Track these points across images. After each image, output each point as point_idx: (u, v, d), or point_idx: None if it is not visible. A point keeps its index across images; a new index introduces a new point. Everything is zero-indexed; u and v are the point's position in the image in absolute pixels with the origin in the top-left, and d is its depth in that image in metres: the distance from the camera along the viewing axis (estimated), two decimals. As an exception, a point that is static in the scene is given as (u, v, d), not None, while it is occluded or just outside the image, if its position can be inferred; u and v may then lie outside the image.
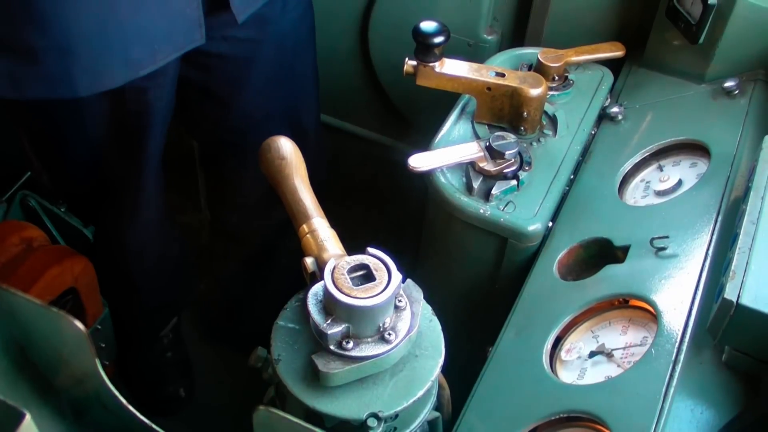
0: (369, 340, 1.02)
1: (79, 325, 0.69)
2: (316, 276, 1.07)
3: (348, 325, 1.00)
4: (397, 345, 1.02)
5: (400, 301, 1.05)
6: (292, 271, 1.24)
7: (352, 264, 1.02)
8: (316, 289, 1.04)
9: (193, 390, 2.38)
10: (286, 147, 1.23)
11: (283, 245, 2.21)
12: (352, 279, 1.01)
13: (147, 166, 1.75)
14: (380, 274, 1.01)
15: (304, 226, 1.14)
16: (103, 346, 1.98)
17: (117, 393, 0.79)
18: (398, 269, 1.03)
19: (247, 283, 2.33)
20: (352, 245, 1.11)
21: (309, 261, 1.09)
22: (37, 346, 0.81)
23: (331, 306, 1.00)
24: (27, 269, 1.69)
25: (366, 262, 1.03)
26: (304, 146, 1.63)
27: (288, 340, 1.06)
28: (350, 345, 1.01)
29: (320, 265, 1.07)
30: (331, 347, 1.01)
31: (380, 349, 1.02)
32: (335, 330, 1.00)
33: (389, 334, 1.02)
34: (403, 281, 1.06)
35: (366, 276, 1.02)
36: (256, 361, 1.17)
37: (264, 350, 1.17)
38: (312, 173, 1.29)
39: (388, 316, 1.03)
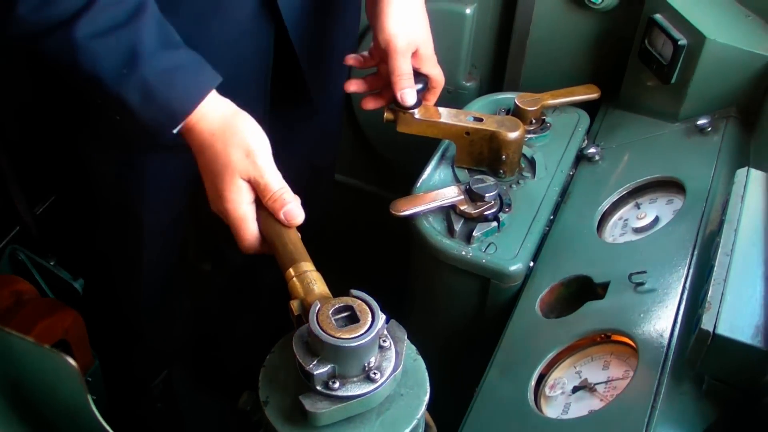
0: (355, 379, 1.04)
1: (72, 362, 0.71)
2: (303, 319, 1.09)
3: (334, 365, 1.02)
4: (382, 384, 1.04)
5: (384, 341, 1.07)
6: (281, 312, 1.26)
7: (337, 305, 1.04)
8: (302, 331, 1.06)
9: None
10: None
11: (279, 284, 2.24)
12: (336, 320, 1.03)
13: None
14: (364, 315, 1.03)
15: (291, 269, 1.17)
16: (94, 398, 1.98)
17: (110, 429, 0.80)
18: (382, 310, 1.05)
19: (237, 325, 2.35)
20: (338, 288, 1.13)
21: (295, 304, 1.11)
22: (30, 383, 0.83)
23: (316, 347, 1.02)
24: (17, 323, 1.71)
25: (350, 303, 1.05)
26: (318, 188, 1.65)
27: (275, 382, 1.08)
28: (336, 385, 1.02)
29: (306, 307, 1.09)
30: (318, 388, 1.03)
31: (366, 388, 1.03)
32: (321, 370, 1.01)
33: (374, 374, 1.04)
34: (387, 322, 1.08)
35: (350, 317, 1.04)
36: (245, 404, 1.18)
37: (252, 394, 1.18)
38: (319, 216, 1.30)
39: (373, 356, 1.05)
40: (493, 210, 1.56)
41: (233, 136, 1.27)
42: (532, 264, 1.57)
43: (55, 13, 1.18)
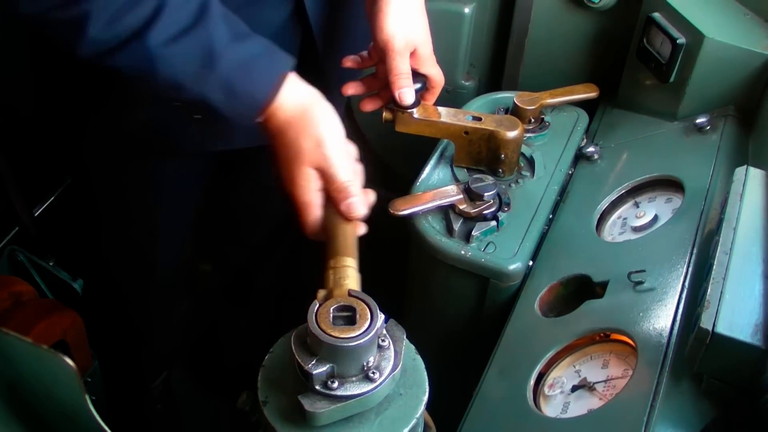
0: (354, 379, 1.04)
1: (69, 362, 0.71)
2: None
3: (332, 365, 1.02)
4: (381, 383, 1.04)
5: (383, 340, 1.07)
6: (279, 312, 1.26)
7: (336, 305, 1.05)
8: (301, 330, 1.06)
9: None
10: None
11: (279, 285, 2.25)
12: (335, 320, 1.03)
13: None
14: (363, 314, 1.04)
15: (332, 260, 1.18)
16: (93, 399, 1.98)
17: (107, 429, 0.80)
18: (380, 309, 1.05)
19: (236, 325, 2.35)
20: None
21: (321, 294, 1.10)
22: (28, 384, 0.83)
23: (315, 346, 1.02)
24: (16, 324, 1.71)
25: (348, 303, 1.05)
26: None
27: (274, 382, 1.08)
28: (335, 384, 1.02)
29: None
30: (317, 387, 1.03)
31: (365, 387, 1.03)
32: (320, 370, 1.01)
33: (373, 373, 1.04)
34: (386, 321, 1.08)
35: (349, 317, 1.04)
36: (244, 404, 1.18)
37: (251, 394, 1.18)
38: None
39: (372, 356, 1.05)
40: (492, 209, 1.56)
41: (306, 126, 1.29)
42: (531, 263, 1.57)
43: (126, 26, 1.18)
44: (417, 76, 1.58)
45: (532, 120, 1.78)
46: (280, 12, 1.52)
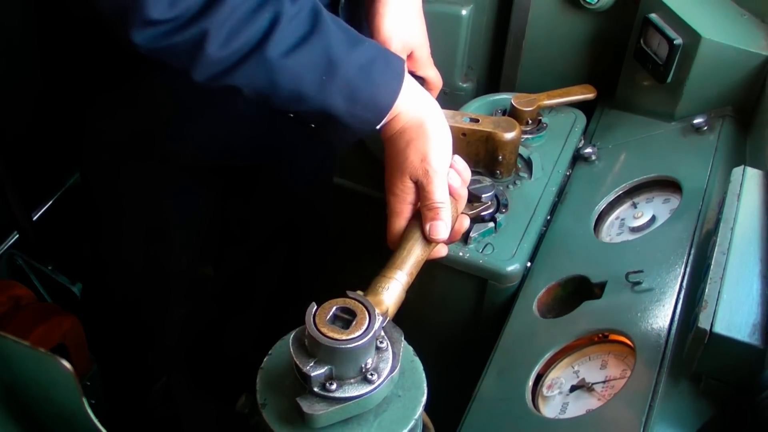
0: (352, 381, 1.04)
1: (67, 364, 0.71)
2: None
3: (331, 367, 1.02)
4: (379, 385, 1.04)
5: (381, 342, 1.07)
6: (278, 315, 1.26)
7: (334, 307, 1.05)
8: (299, 332, 1.06)
9: None
10: None
11: (278, 288, 2.25)
12: (333, 322, 1.03)
13: None
14: (361, 316, 1.04)
15: (385, 269, 1.19)
16: (93, 402, 1.99)
17: (105, 431, 0.81)
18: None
19: (234, 327, 2.36)
20: (334, 290, 1.13)
21: (357, 293, 1.10)
22: (25, 387, 0.83)
23: (313, 348, 1.02)
24: (15, 328, 1.71)
25: (346, 305, 1.05)
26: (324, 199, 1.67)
27: (272, 385, 1.08)
28: (334, 386, 1.02)
29: None
30: (315, 389, 1.03)
31: (363, 389, 1.03)
32: (318, 372, 1.02)
33: (372, 375, 1.04)
34: (384, 323, 1.08)
35: (347, 319, 1.04)
36: (243, 406, 1.18)
37: (250, 396, 1.18)
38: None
39: (370, 357, 1.05)
40: (490, 210, 1.57)
41: (416, 139, 1.29)
42: (529, 264, 1.57)
43: (245, 41, 1.16)
44: (414, 78, 1.58)
45: (530, 121, 1.78)
46: None
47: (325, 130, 1.31)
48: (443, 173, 1.28)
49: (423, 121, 1.29)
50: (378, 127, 1.30)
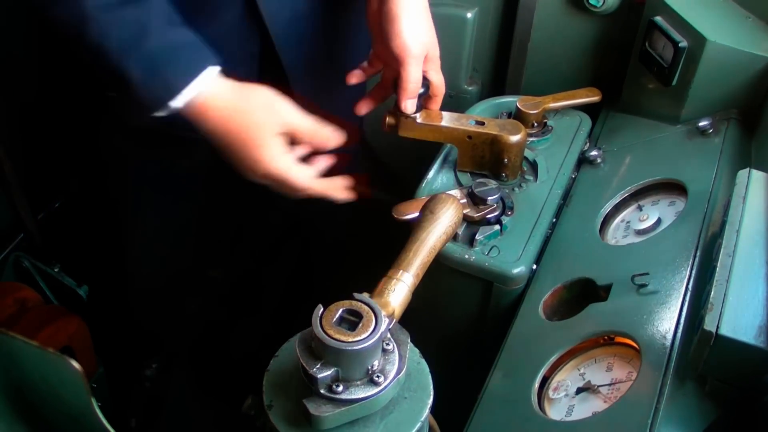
0: (358, 383, 1.04)
1: (76, 364, 0.72)
2: None
3: (337, 368, 1.02)
4: (385, 387, 1.04)
5: (387, 344, 1.07)
6: (285, 317, 1.27)
7: (340, 309, 1.05)
8: (305, 334, 1.06)
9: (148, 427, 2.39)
10: (441, 207, 1.30)
11: (285, 290, 2.26)
12: (340, 324, 1.03)
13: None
14: (367, 318, 1.04)
15: (392, 270, 1.19)
16: (99, 404, 1.99)
17: (113, 430, 0.81)
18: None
19: (241, 329, 2.37)
20: (341, 292, 1.13)
21: (363, 295, 1.11)
22: (34, 387, 0.83)
23: (320, 350, 1.02)
24: (21, 330, 1.71)
25: (353, 307, 1.05)
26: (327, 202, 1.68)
27: (279, 387, 1.08)
28: (340, 388, 1.03)
29: None
30: (322, 391, 1.03)
31: (369, 391, 1.04)
32: (325, 374, 1.02)
33: (378, 377, 1.04)
34: (390, 324, 1.08)
35: (354, 321, 1.04)
36: (249, 408, 1.19)
37: (256, 398, 1.18)
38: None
39: (377, 359, 1.05)
40: (496, 213, 1.57)
41: (249, 102, 1.33)
42: (534, 267, 1.57)
43: None
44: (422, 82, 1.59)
45: (535, 124, 1.78)
46: (231, 7, 1.52)
47: (121, 100, 1.33)
48: (292, 106, 1.36)
49: (247, 92, 1.34)
50: (174, 107, 1.31)
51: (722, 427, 1.11)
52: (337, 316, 1.03)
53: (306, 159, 1.43)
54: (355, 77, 1.63)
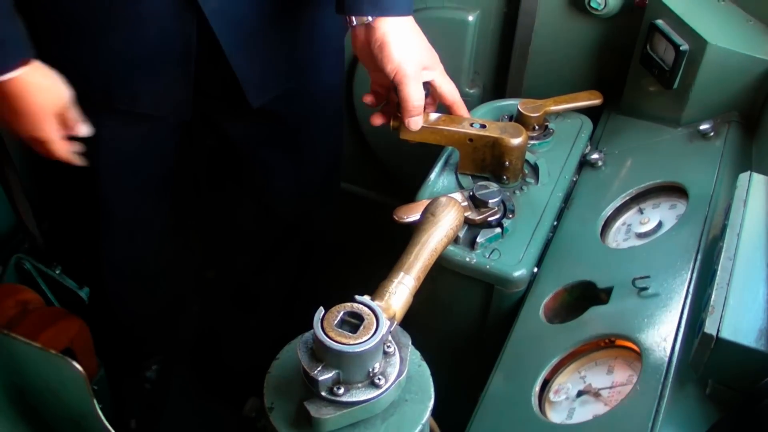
0: (359, 385, 1.04)
1: (78, 367, 0.72)
2: None
3: (338, 371, 1.02)
4: (386, 390, 1.04)
5: (388, 346, 1.08)
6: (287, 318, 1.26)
7: (341, 312, 1.05)
8: (307, 337, 1.06)
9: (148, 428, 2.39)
10: (442, 210, 1.31)
11: (285, 291, 2.26)
12: (341, 326, 1.03)
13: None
14: (368, 320, 1.04)
15: (394, 272, 1.19)
16: (101, 406, 1.99)
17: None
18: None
19: (242, 331, 2.37)
20: (342, 295, 1.13)
21: (364, 298, 1.11)
22: (36, 388, 0.83)
23: (321, 353, 1.03)
24: (23, 332, 1.71)
25: (354, 310, 1.05)
26: (325, 201, 1.69)
27: (280, 389, 1.08)
28: (341, 391, 1.03)
29: None
30: (323, 393, 1.03)
31: (370, 394, 1.04)
32: (326, 376, 1.02)
33: (379, 379, 1.04)
34: (391, 327, 1.09)
35: (355, 323, 1.05)
36: (250, 410, 1.19)
37: (257, 400, 1.19)
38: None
39: (378, 362, 1.05)
40: (497, 216, 1.57)
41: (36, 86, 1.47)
42: (535, 270, 1.57)
43: None
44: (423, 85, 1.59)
45: (537, 127, 1.78)
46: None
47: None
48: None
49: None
50: None
51: (723, 430, 1.11)
52: (339, 318, 1.04)
53: None
54: (376, 118, 1.68)
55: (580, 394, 1.33)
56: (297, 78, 1.79)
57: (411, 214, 1.55)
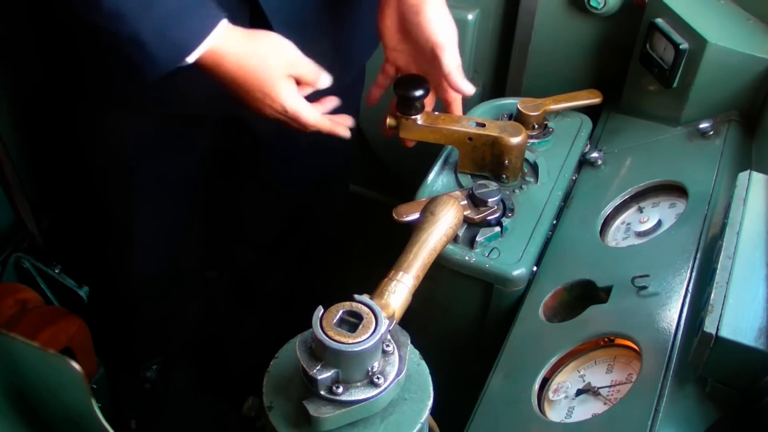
0: (358, 384, 1.04)
1: (76, 365, 0.72)
2: None
3: (337, 370, 1.02)
4: (385, 389, 1.04)
5: (387, 345, 1.07)
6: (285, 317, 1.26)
7: (341, 311, 1.05)
8: (306, 336, 1.06)
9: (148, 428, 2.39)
10: (442, 209, 1.30)
11: (285, 289, 2.26)
12: (340, 325, 1.03)
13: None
14: (367, 319, 1.04)
15: (393, 270, 1.19)
16: (100, 406, 1.99)
17: None
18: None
19: (242, 330, 2.37)
20: (341, 294, 1.13)
21: (363, 297, 1.11)
22: (34, 388, 0.83)
23: (320, 352, 1.03)
24: (22, 331, 1.71)
25: (353, 308, 1.05)
26: (333, 200, 1.68)
27: (279, 388, 1.08)
28: (340, 390, 1.03)
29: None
30: (322, 392, 1.03)
31: (370, 393, 1.04)
32: (325, 375, 1.02)
33: (378, 378, 1.04)
34: (390, 326, 1.08)
35: (354, 322, 1.04)
36: (250, 409, 1.19)
37: (257, 399, 1.19)
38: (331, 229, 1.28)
39: (377, 361, 1.05)
40: (496, 215, 1.57)
41: (260, 48, 1.40)
42: (535, 269, 1.57)
43: None
44: (422, 83, 1.59)
45: (536, 126, 1.78)
46: None
47: (134, 60, 1.36)
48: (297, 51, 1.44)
49: (252, 39, 1.41)
50: (188, 62, 1.37)
51: (722, 429, 1.11)
52: (338, 317, 1.04)
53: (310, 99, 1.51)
54: (374, 95, 1.66)
55: (579, 392, 1.33)
56: (338, 71, 1.80)
57: (410, 213, 1.55)
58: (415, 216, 1.55)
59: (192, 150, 1.83)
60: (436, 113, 1.65)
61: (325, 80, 1.47)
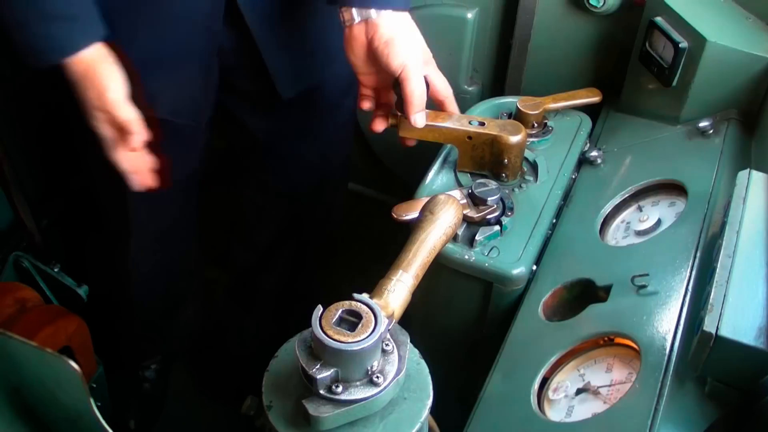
0: (358, 383, 1.04)
1: (74, 365, 0.71)
2: None
3: (337, 369, 1.02)
4: (385, 388, 1.04)
5: (387, 344, 1.07)
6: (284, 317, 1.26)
7: (340, 310, 1.05)
8: (305, 335, 1.06)
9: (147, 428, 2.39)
10: (441, 208, 1.30)
11: (285, 288, 2.26)
12: (339, 324, 1.03)
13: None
14: (366, 318, 1.04)
15: (393, 270, 1.19)
16: (99, 405, 1.99)
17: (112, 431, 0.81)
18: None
19: (241, 329, 2.37)
20: (340, 293, 1.13)
21: (362, 296, 1.11)
22: (32, 388, 0.83)
23: (319, 351, 1.02)
24: (21, 329, 1.71)
25: (352, 308, 1.05)
26: (332, 199, 1.67)
27: (278, 387, 1.08)
28: (339, 389, 1.03)
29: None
30: (321, 392, 1.03)
31: (369, 392, 1.04)
32: (324, 375, 1.02)
33: (377, 378, 1.04)
34: (389, 325, 1.08)
35: (353, 321, 1.04)
36: (249, 408, 1.19)
37: (255, 398, 1.18)
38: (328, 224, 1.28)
39: (376, 360, 1.05)
40: (496, 214, 1.57)
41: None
42: (534, 267, 1.57)
43: None
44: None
45: (536, 125, 1.78)
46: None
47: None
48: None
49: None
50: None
51: (722, 428, 1.11)
52: (337, 316, 1.03)
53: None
54: (364, 104, 1.65)
55: (579, 392, 1.33)
56: (326, 69, 1.79)
57: (409, 212, 1.55)
58: (415, 215, 1.55)
59: (189, 150, 1.82)
60: (436, 112, 1.65)
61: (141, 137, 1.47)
